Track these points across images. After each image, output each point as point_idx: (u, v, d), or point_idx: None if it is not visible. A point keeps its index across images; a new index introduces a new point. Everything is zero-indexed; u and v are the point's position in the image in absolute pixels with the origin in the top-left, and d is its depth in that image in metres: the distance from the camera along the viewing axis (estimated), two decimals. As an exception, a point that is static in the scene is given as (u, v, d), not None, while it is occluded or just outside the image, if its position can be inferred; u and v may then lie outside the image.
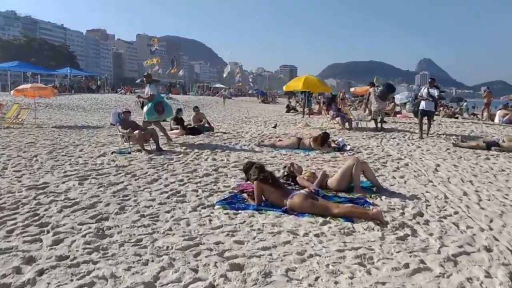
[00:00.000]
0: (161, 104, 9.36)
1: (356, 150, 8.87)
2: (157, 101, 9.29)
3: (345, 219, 4.13)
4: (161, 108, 9.27)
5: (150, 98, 9.19)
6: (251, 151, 8.60)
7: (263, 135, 11.58)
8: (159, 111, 9.22)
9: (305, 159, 7.72)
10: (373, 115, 13.67)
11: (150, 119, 9.32)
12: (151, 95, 9.22)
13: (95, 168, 6.52)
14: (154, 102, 9.17)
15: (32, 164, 6.78)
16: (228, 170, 6.50)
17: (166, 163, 7.04)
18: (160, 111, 9.25)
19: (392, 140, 10.72)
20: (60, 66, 54.75)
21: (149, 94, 9.24)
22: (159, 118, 9.61)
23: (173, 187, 5.34)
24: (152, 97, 9.20)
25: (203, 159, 7.48)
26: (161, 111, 9.28)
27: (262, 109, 30.68)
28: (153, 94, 9.25)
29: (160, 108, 9.24)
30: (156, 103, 9.21)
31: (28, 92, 15.16)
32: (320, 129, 13.14)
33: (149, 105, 9.16)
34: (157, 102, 9.25)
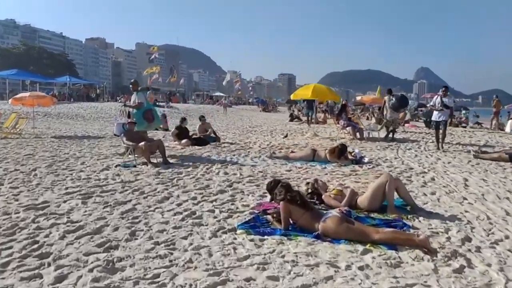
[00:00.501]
0: (151, 111, 8.92)
1: (375, 162, 8.37)
2: (146, 108, 8.81)
3: (387, 247, 3.62)
4: (151, 116, 8.82)
5: (138, 106, 8.66)
6: (263, 163, 8.09)
7: (273, 146, 11.08)
8: (148, 119, 8.73)
9: (322, 173, 7.21)
10: (385, 123, 13.32)
11: (140, 128, 8.71)
12: (139, 103, 8.69)
13: (99, 183, 6.01)
14: (143, 110, 8.69)
15: (30, 179, 6.26)
16: (244, 186, 5.99)
17: (175, 177, 6.53)
18: (149, 119, 8.76)
19: (408, 152, 10.24)
20: (59, 74, 54.31)
21: (137, 102, 8.71)
22: (150, 127, 9.15)
23: (187, 207, 4.82)
24: (140, 105, 8.68)
25: (215, 173, 6.97)
26: (151, 119, 8.81)
27: (264, 118, 30.26)
28: (141, 102, 8.71)
29: (150, 116, 8.78)
30: (145, 111, 8.73)
31: (27, 101, 14.68)
32: (331, 140, 12.69)
33: (136, 113, 8.62)
34: (146, 110, 8.77)
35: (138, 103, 8.69)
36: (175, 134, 11.11)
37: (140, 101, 8.72)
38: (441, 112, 10.61)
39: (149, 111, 8.81)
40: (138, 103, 8.68)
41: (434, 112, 10.87)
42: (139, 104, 8.67)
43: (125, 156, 8.07)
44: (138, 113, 8.62)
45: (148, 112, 8.78)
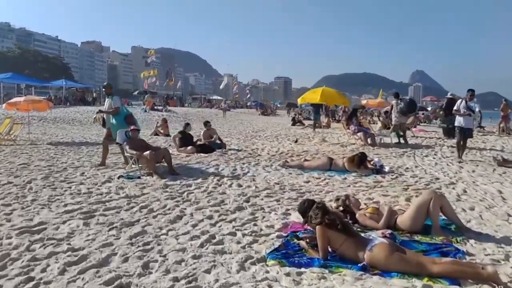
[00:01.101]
0: (132, 116, 8.19)
1: (396, 172, 7.81)
2: (126, 114, 8.13)
3: (449, 281, 3.06)
4: (133, 122, 8.10)
5: (115, 112, 7.93)
6: (277, 173, 7.51)
7: (282, 153, 10.51)
8: (131, 124, 7.98)
9: (344, 184, 6.64)
10: (392, 128, 12.92)
11: None
12: (115, 108, 7.95)
13: (102, 199, 5.40)
14: (124, 115, 8.00)
15: (25, 193, 5.64)
16: (262, 201, 5.40)
17: (185, 191, 5.94)
18: (132, 124, 8.01)
19: (426, 159, 9.69)
20: (54, 78, 53.58)
21: (113, 108, 7.96)
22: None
23: (204, 228, 4.23)
24: (117, 110, 7.94)
25: (227, 185, 6.38)
26: (134, 124, 8.05)
27: (264, 122, 29.68)
28: (118, 107, 8.00)
29: (133, 121, 8.09)
30: (126, 116, 8.04)
31: (22, 106, 14.02)
32: (341, 146, 12.13)
33: (117, 119, 7.92)
34: (127, 115, 8.10)
35: (114, 108, 7.94)
36: (178, 138, 10.49)
37: (116, 105, 7.98)
38: (466, 118, 9.45)
39: (130, 116, 8.13)
40: (115, 108, 7.94)
41: (457, 118, 9.70)
42: (116, 110, 7.93)
43: (128, 166, 7.45)
44: (119, 119, 7.91)
45: (130, 117, 8.09)
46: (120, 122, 7.88)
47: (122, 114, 7.99)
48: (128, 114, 8.16)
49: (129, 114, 8.18)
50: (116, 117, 7.93)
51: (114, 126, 7.92)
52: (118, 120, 7.91)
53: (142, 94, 44.02)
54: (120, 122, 7.89)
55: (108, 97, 8.26)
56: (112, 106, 7.99)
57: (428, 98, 47.78)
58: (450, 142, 13.53)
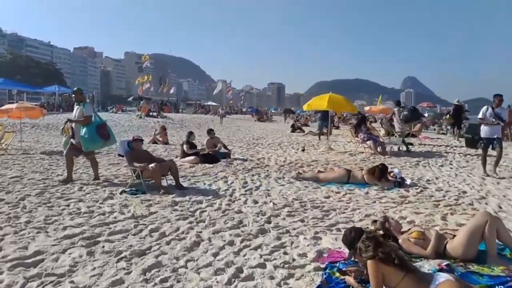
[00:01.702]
0: (105, 126, 7.21)
1: (419, 184, 7.29)
2: (99, 123, 7.13)
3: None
4: (106, 132, 7.17)
5: (86, 121, 6.95)
6: (292, 187, 6.95)
7: (290, 162, 9.97)
8: (104, 135, 7.09)
9: (368, 199, 6.10)
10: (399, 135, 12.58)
11: (95, 147, 7.30)
12: (86, 117, 6.96)
13: (105, 220, 4.81)
14: (96, 125, 7.03)
15: (18, 214, 5.03)
16: (286, 222, 4.84)
17: (196, 209, 5.36)
18: (105, 135, 7.12)
19: (443, 169, 9.20)
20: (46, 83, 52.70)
21: (84, 116, 6.97)
22: (105, 145, 7.57)
23: (227, 258, 3.66)
24: (88, 119, 6.97)
25: (242, 202, 5.82)
26: (107, 135, 7.17)
27: (262, 129, 29.14)
28: (90, 115, 7.03)
29: (106, 132, 7.15)
30: (98, 125, 7.07)
31: (14, 113, 13.33)
32: (350, 154, 11.62)
33: (88, 129, 6.91)
34: (100, 125, 7.10)
35: (85, 117, 6.96)
36: (186, 146, 9.92)
37: (88, 114, 7.01)
38: (495, 127, 8.32)
39: (103, 126, 7.15)
40: (86, 117, 6.95)
41: (483, 128, 8.50)
42: (86, 119, 6.95)
43: (131, 179, 6.85)
44: (90, 129, 6.92)
45: (103, 127, 7.13)
46: (91, 134, 6.92)
47: (94, 124, 7.02)
48: (101, 123, 7.16)
49: (102, 123, 7.17)
50: (86, 127, 6.92)
51: (85, 138, 6.91)
52: (90, 131, 6.91)
53: (137, 100, 43.34)
54: (91, 133, 6.92)
55: (79, 105, 7.17)
56: (83, 115, 6.97)
57: (424, 104, 47.53)
58: (461, 150, 13.13)
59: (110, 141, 7.34)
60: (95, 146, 7.29)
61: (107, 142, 7.26)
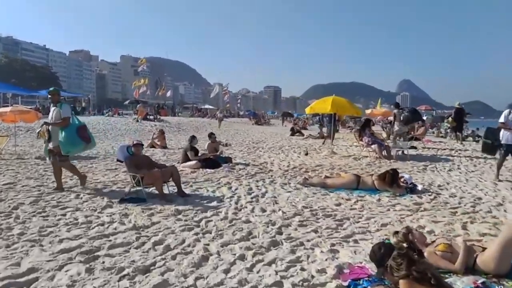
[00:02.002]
0: (85, 129, 6.73)
1: (432, 190, 7.00)
2: (78, 125, 6.61)
3: None
4: (87, 135, 6.70)
5: (64, 123, 6.43)
6: (300, 194, 6.64)
7: (294, 167, 9.67)
8: (85, 138, 6.63)
9: (382, 207, 5.80)
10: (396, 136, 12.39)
11: (75, 150, 6.80)
12: (64, 118, 6.44)
13: (104, 231, 4.47)
14: (76, 127, 6.54)
15: (10, 224, 4.68)
16: (298, 233, 4.52)
17: (201, 218, 5.04)
18: (86, 138, 6.66)
19: (452, 174, 8.93)
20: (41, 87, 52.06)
21: (62, 118, 6.44)
22: (86, 149, 7.04)
23: (240, 275, 3.34)
24: (67, 121, 6.45)
25: (249, 210, 5.50)
26: (88, 138, 6.70)
27: (260, 132, 28.85)
28: (68, 117, 6.50)
29: (86, 135, 6.68)
30: (79, 127, 6.58)
31: (8, 116, 12.97)
32: (354, 159, 11.33)
33: (68, 132, 6.41)
34: (80, 126, 6.61)
35: (63, 118, 6.44)
36: (190, 152, 9.58)
37: (66, 115, 6.47)
38: None
39: (83, 128, 6.67)
40: (64, 119, 6.44)
41: (504, 134, 7.85)
42: (64, 120, 6.44)
43: (130, 186, 6.51)
44: (70, 131, 6.43)
45: (83, 129, 6.65)
46: (71, 136, 6.43)
47: (73, 126, 6.51)
48: (81, 125, 6.66)
49: (81, 125, 6.67)
50: (65, 129, 6.42)
51: (64, 141, 6.41)
52: (69, 134, 6.42)
53: (133, 103, 42.94)
54: (70, 136, 6.43)
55: (56, 106, 6.61)
56: (61, 116, 6.44)
57: (422, 107, 47.40)
58: (466, 154, 12.89)
59: (91, 144, 6.87)
60: (76, 150, 6.77)
61: (88, 145, 6.79)
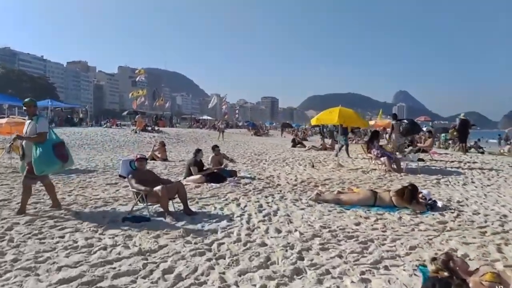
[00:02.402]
0: (63, 146, 5.94)
1: (452, 207, 6.60)
2: (56, 141, 5.83)
3: None
4: (65, 153, 5.92)
5: (40, 138, 5.64)
6: (314, 211, 6.23)
7: (302, 181, 9.27)
8: (62, 156, 5.81)
9: (405, 226, 5.39)
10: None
11: (50, 170, 5.94)
12: (40, 133, 5.66)
13: (107, 256, 4.05)
14: (52, 143, 5.73)
15: (3, 248, 4.25)
16: (322, 258, 4.10)
17: (213, 241, 4.62)
18: (64, 156, 5.86)
19: (469, 188, 8.55)
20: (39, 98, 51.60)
21: (38, 132, 5.66)
22: (62, 168, 6.23)
23: (264, 312, 2.93)
24: (43, 136, 5.68)
25: (262, 231, 5.08)
26: (65, 156, 5.91)
27: (260, 143, 28.46)
28: (45, 132, 5.71)
29: (64, 153, 5.89)
30: (55, 144, 5.77)
31: (3, 128, 12.62)
32: (363, 172, 10.96)
33: (43, 149, 5.59)
34: (57, 144, 5.80)
35: (39, 133, 5.65)
36: (194, 168, 9.16)
37: (43, 130, 5.69)
38: None
39: (60, 145, 5.87)
40: (40, 134, 5.65)
41: None
42: (40, 136, 5.65)
43: (133, 204, 6.09)
44: (45, 148, 5.61)
45: (60, 147, 5.85)
46: (47, 154, 5.61)
47: (50, 143, 5.72)
48: (58, 142, 5.87)
49: (59, 142, 5.88)
50: (41, 146, 5.61)
51: (38, 159, 5.57)
52: (44, 151, 5.59)
53: (132, 114, 42.58)
54: (46, 153, 5.61)
55: (31, 119, 5.85)
56: (37, 131, 5.67)
57: (422, 118, 47.34)
58: (475, 166, 12.54)
59: (68, 163, 6.06)
60: (51, 169, 5.92)
61: (65, 164, 5.99)
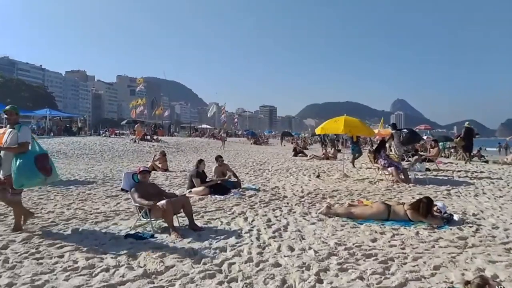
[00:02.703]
0: (47, 158, 5.37)
1: (469, 221, 6.31)
2: (38, 153, 5.28)
3: None
4: (48, 166, 5.31)
5: (21, 149, 5.14)
6: (325, 226, 5.93)
7: (309, 193, 8.99)
8: (45, 169, 5.22)
9: (424, 242, 5.09)
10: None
11: (31, 183, 5.47)
12: (22, 143, 5.15)
13: (110, 279, 3.75)
14: (34, 155, 5.19)
15: (-3, 273, 3.95)
16: (342, 280, 3.80)
17: (222, 261, 4.32)
18: (46, 169, 5.25)
19: (482, 200, 8.27)
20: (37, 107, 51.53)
21: (19, 142, 5.15)
22: (45, 183, 5.68)
23: None
24: (25, 146, 5.19)
25: (274, 249, 4.77)
26: (48, 170, 5.29)
27: (261, 152, 28.22)
28: (27, 142, 5.22)
29: (47, 166, 5.29)
30: (38, 156, 5.22)
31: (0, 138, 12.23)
32: (370, 182, 10.68)
33: (24, 160, 5.06)
34: (39, 155, 5.25)
35: (20, 143, 5.15)
36: (196, 179, 8.85)
37: (25, 140, 5.20)
38: None
39: (43, 157, 5.31)
40: (21, 144, 5.16)
41: None
42: (21, 146, 5.15)
43: (137, 219, 5.79)
44: (27, 160, 5.08)
45: (43, 159, 5.29)
46: (28, 166, 5.06)
47: (32, 154, 5.18)
48: (41, 154, 5.30)
49: (42, 154, 5.32)
50: (21, 157, 5.08)
51: (17, 171, 5.02)
52: (25, 163, 5.05)
53: (131, 123, 42.32)
54: (27, 165, 5.06)
55: (13, 127, 5.31)
56: (18, 141, 5.17)
57: (422, 126, 47.20)
58: (483, 175, 12.28)
59: (52, 177, 5.42)
60: (31, 183, 5.40)
61: (49, 178, 5.35)
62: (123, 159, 19.58)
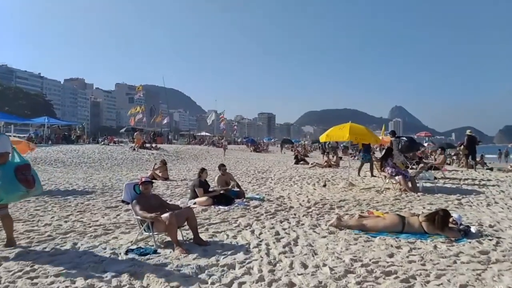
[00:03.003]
0: (27, 168, 4.94)
1: (487, 233, 6.01)
2: (19, 163, 4.90)
3: None
4: (31, 178, 4.94)
5: (1, 160, 4.78)
6: (338, 239, 5.62)
7: (316, 203, 8.68)
8: (27, 182, 4.84)
9: (444, 257, 4.78)
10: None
11: (11, 198, 5.01)
12: (0, 154, 4.81)
13: (111, 303, 3.44)
14: (14, 166, 4.83)
15: (-12, 293, 3.65)
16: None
17: (232, 280, 4.01)
18: (28, 182, 4.87)
19: (495, 209, 7.98)
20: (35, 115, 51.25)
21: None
22: (27, 196, 5.17)
23: None
24: (4, 157, 4.82)
25: (286, 266, 4.45)
26: (31, 182, 4.91)
27: (262, 160, 27.92)
28: (6, 152, 4.87)
29: (30, 178, 4.92)
30: (18, 167, 4.85)
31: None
32: (377, 191, 10.38)
33: (3, 172, 4.73)
34: (20, 166, 4.87)
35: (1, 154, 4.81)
36: (199, 189, 8.55)
37: (3, 150, 4.83)
38: None
39: (25, 168, 4.92)
40: (0, 155, 4.81)
41: None
42: (4, 156, 4.83)
43: (138, 233, 5.48)
44: (6, 172, 4.73)
45: (24, 169, 4.90)
46: (7, 179, 4.71)
47: (11, 166, 4.83)
48: (22, 164, 4.92)
49: (22, 164, 4.92)
50: (1, 168, 4.75)
51: (4, 183, 4.70)
52: (5, 174, 4.72)
53: (130, 131, 42.02)
54: (6, 178, 4.71)
55: None
56: None
57: (422, 133, 47.11)
58: (490, 183, 12.00)
59: (34, 190, 5.05)
60: (12, 197, 4.97)
61: (31, 191, 4.97)
62: (122, 167, 19.27)
